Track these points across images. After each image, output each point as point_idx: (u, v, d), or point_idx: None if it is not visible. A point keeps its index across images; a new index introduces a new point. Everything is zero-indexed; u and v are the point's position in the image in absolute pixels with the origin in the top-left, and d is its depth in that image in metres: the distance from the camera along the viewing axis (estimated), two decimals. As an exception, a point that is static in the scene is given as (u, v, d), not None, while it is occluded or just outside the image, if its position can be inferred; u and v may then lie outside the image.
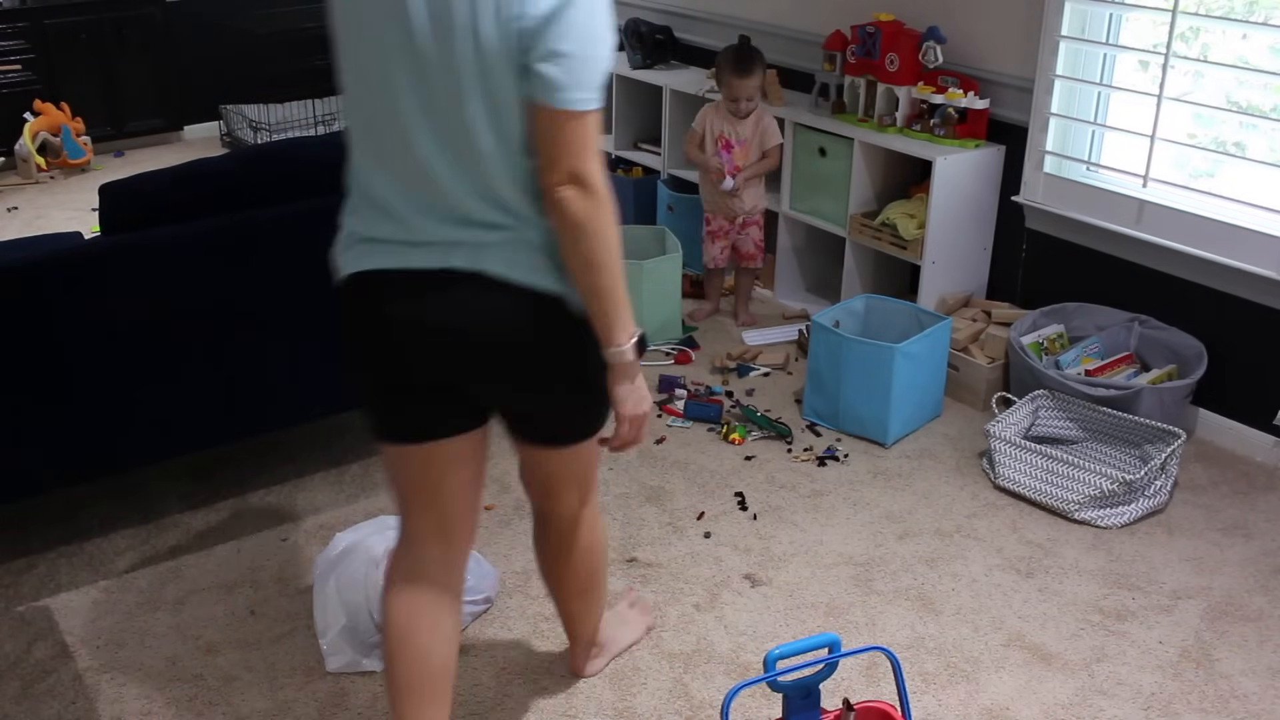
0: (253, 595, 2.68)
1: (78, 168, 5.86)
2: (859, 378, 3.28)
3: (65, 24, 5.82)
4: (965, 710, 2.34)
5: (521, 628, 2.58)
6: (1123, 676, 2.44)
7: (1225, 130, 3.36)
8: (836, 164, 3.95)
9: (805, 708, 1.91)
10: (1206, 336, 3.31)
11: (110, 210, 2.71)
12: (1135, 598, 2.69)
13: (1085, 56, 3.52)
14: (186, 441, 2.91)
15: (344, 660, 2.43)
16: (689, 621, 2.60)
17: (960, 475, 3.19)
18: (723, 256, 4.10)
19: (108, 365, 2.67)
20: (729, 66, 3.86)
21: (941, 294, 3.80)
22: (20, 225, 5.13)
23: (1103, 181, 3.53)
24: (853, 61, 3.96)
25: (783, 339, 4.01)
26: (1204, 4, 3.26)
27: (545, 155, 1.69)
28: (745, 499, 3.05)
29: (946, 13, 3.79)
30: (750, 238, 4.08)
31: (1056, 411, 3.26)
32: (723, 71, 3.90)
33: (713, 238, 4.09)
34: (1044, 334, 3.47)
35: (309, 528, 2.94)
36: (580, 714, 2.33)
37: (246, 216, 2.79)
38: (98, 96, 5.99)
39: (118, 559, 2.82)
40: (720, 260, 4.11)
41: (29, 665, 2.46)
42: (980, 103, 3.69)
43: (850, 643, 2.50)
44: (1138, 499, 2.96)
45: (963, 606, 2.65)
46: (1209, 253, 3.24)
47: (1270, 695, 2.39)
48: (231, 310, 2.81)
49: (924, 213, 3.70)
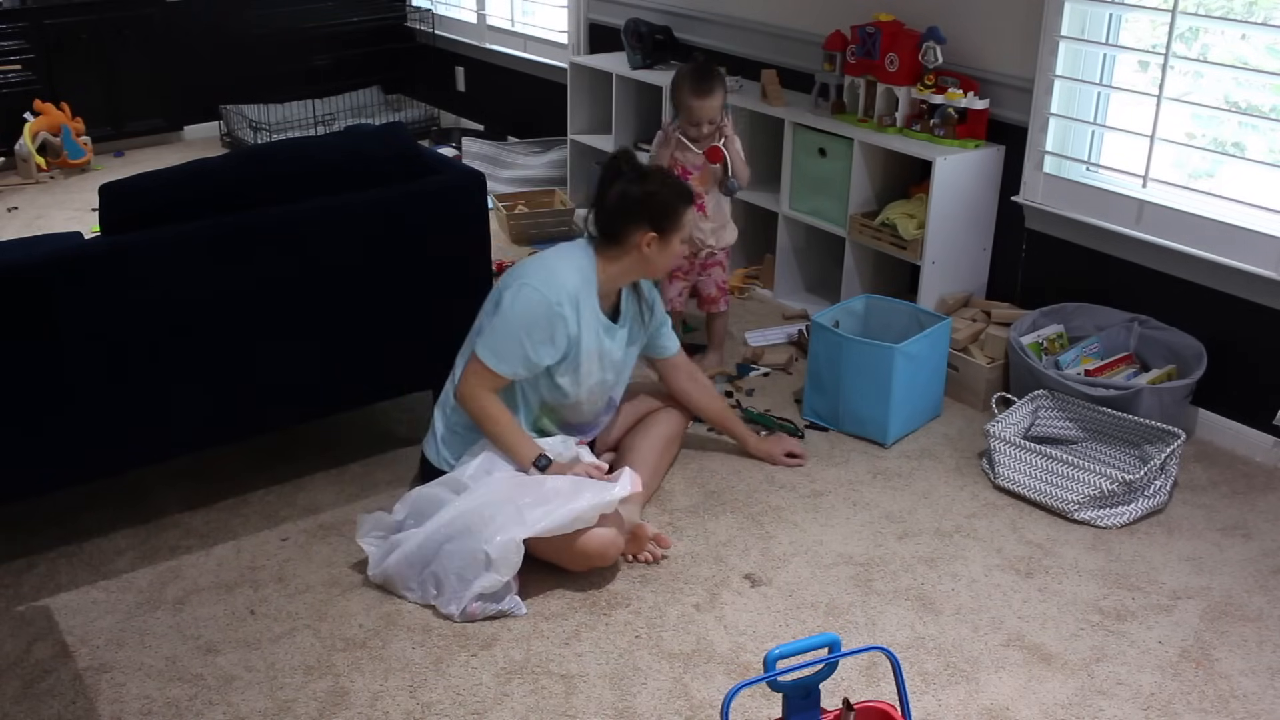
0: (253, 595, 2.68)
1: (78, 168, 5.86)
2: (859, 378, 3.29)
3: (65, 24, 5.82)
4: (965, 710, 2.34)
5: (521, 628, 2.58)
6: (1122, 676, 2.44)
7: (1225, 130, 3.36)
8: (836, 164, 3.95)
9: (805, 708, 1.91)
10: (1206, 336, 3.31)
11: (110, 210, 2.71)
12: (1135, 598, 2.69)
13: (1085, 56, 3.52)
14: (186, 441, 2.91)
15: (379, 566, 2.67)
16: (689, 621, 2.60)
17: (960, 475, 3.19)
18: (680, 299, 3.73)
19: (107, 365, 2.67)
20: (687, 88, 3.48)
21: (941, 294, 3.80)
22: (20, 225, 5.13)
23: (1102, 181, 3.53)
24: (853, 61, 3.96)
25: (784, 339, 4.01)
26: (1203, 4, 3.26)
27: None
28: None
29: (946, 13, 3.79)
30: (713, 279, 3.72)
31: (1056, 411, 3.26)
32: (680, 94, 3.51)
33: (671, 278, 3.69)
34: (1044, 334, 3.47)
35: (309, 528, 2.94)
36: (580, 714, 2.33)
37: (246, 216, 2.79)
38: (98, 96, 5.99)
39: (118, 559, 2.82)
40: (678, 303, 3.72)
41: (29, 665, 2.46)
42: (980, 103, 3.69)
43: (850, 643, 2.50)
44: (1137, 499, 2.97)
45: (963, 606, 2.65)
46: (1209, 253, 3.24)
47: (1270, 695, 2.39)
48: (231, 310, 2.81)
49: (924, 213, 3.70)
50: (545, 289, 2.71)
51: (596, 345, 2.83)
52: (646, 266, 2.85)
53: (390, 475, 3.15)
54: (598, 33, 5.40)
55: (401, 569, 2.64)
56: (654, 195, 2.79)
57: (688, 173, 3.58)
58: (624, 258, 2.82)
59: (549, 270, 2.77)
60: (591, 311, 2.81)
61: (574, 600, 2.66)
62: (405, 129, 3.26)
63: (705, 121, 3.51)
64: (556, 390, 2.84)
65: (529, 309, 2.71)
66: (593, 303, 2.81)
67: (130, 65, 6.06)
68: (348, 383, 3.08)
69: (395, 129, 3.19)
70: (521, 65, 5.96)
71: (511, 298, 2.73)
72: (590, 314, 2.80)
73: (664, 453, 3.11)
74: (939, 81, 3.77)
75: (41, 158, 5.74)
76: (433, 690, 2.38)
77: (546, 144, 5.64)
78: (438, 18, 6.55)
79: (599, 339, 2.84)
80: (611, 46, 5.14)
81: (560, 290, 2.73)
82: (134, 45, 6.03)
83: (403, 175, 3.05)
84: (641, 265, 2.84)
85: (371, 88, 6.68)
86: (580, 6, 5.44)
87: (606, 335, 2.85)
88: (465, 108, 6.57)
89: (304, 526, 2.94)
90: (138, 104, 6.15)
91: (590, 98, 5.17)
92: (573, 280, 2.76)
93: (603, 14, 5.33)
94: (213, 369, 2.83)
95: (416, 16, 6.62)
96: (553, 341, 2.73)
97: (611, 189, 2.81)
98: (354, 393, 3.13)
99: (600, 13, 5.35)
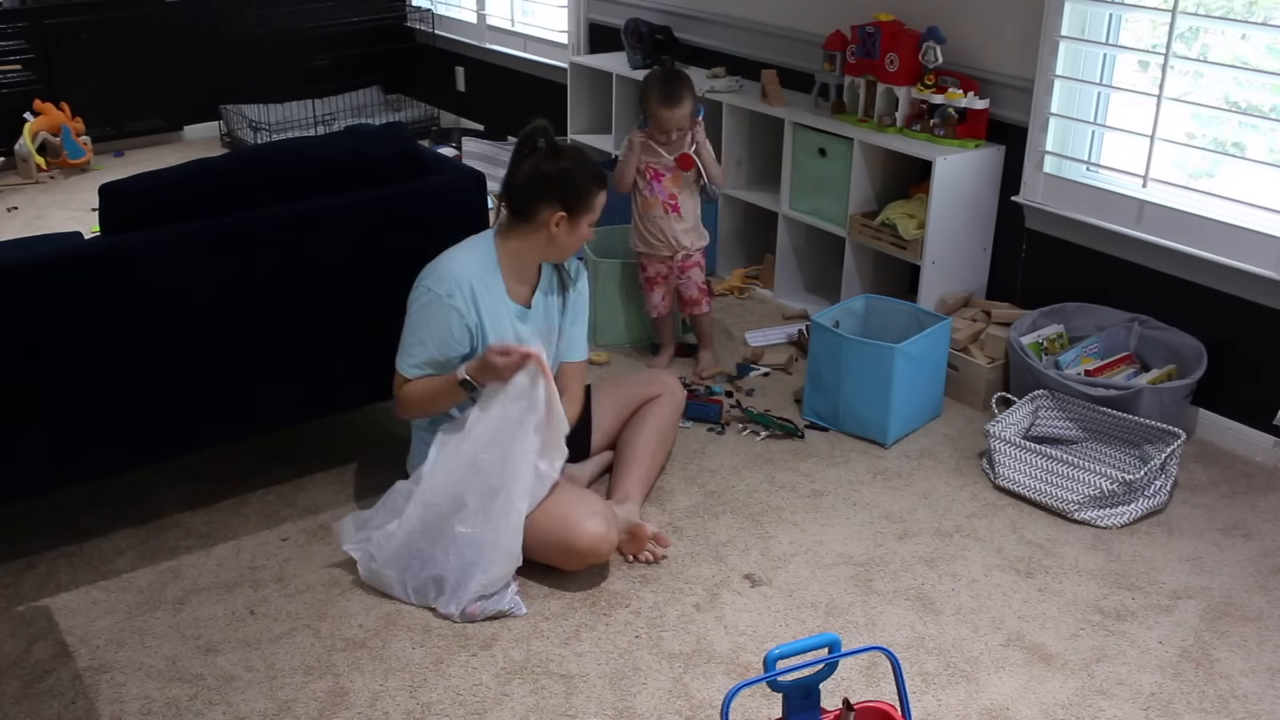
0: (253, 595, 2.68)
1: (78, 168, 5.86)
2: (859, 378, 3.29)
3: (65, 24, 5.82)
4: (965, 710, 2.34)
5: (521, 628, 2.58)
6: (1122, 676, 2.44)
7: (1225, 130, 3.36)
8: (836, 164, 3.94)
9: (805, 708, 1.91)
10: (1206, 336, 3.31)
11: (110, 210, 2.71)
12: (1135, 598, 2.69)
13: (1085, 56, 3.52)
14: (186, 441, 2.91)
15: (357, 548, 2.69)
16: (689, 621, 2.60)
17: (960, 475, 3.19)
18: (665, 304, 3.74)
19: (107, 365, 2.67)
20: (655, 97, 3.46)
21: (941, 294, 3.80)
22: (20, 225, 5.13)
23: (1102, 181, 3.53)
24: (853, 61, 3.96)
25: (784, 339, 4.01)
26: (1204, 4, 3.26)
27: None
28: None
29: (946, 13, 3.79)
30: (693, 281, 3.69)
31: (1056, 411, 3.26)
32: (648, 103, 3.49)
33: (651, 284, 3.72)
34: (1044, 334, 3.47)
35: (309, 528, 2.94)
36: (580, 714, 2.33)
37: (246, 216, 2.79)
38: (98, 96, 5.99)
39: (118, 559, 2.82)
40: (663, 309, 3.75)
41: (29, 665, 2.46)
42: (980, 103, 3.69)
43: (850, 643, 2.50)
44: (1137, 499, 2.97)
45: (963, 606, 2.65)
46: (1209, 253, 3.24)
47: (1270, 695, 2.39)
48: (231, 310, 2.81)
49: (924, 213, 3.70)
50: (434, 284, 2.65)
51: (511, 330, 2.72)
52: (551, 247, 2.72)
53: (390, 475, 3.14)
54: (598, 33, 5.40)
55: (391, 572, 2.65)
56: (567, 173, 2.67)
57: (659, 175, 3.58)
58: (530, 236, 2.70)
59: (442, 262, 2.70)
60: (498, 295, 2.70)
61: (574, 600, 2.66)
62: (405, 129, 3.26)
63: (673, 129, 3.51)
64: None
65: (420, 307, 2.67)
66: (499, 286, 2.71)
67: (130, 65, 6.06)
68: (348, 383, 3.08)
69: (395, 129, 3.19)
70: (521, 65, 5.96)
71: (411, 300, 2.70)
72: (496, 298, 2.70)
73: (659, 446, 3.10)
74: (939, 81, 3.77)
75: (41, 158, 5.74)
76: (433, 690, 2.38)
77: (546, 144, 5.63)
78: (438, 18, 6.55)
79: (511, 324, 2.73)
80: (611, 46, 5.14)
81: (449, 281, 2.64)
82: (134, 45, 6.03)
83: (403, 175, 3.05)
84: (547, 245, 2.71)
85: (371, 88, 6.69)
86: (580, 6, 5.44)
87: (519, 320, 2.75)
88: (465, 108, 6.57)
89: (304, 526, 2.94)
90: (138, 104, 6.15)
91: (590, 98, 5.17)
92: (467, 268, 2.67)
93: (603, 14, 5.33)
94: (213, 369, 2.83)
95: (416, 16, 6.62)
96: (451, 334, 2.65)
97: (524, 164, 2.70)
98: (354, 393, 3.13)
99: (600, 13, 5.35)
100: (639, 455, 3.01)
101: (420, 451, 2.82)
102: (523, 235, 2.72)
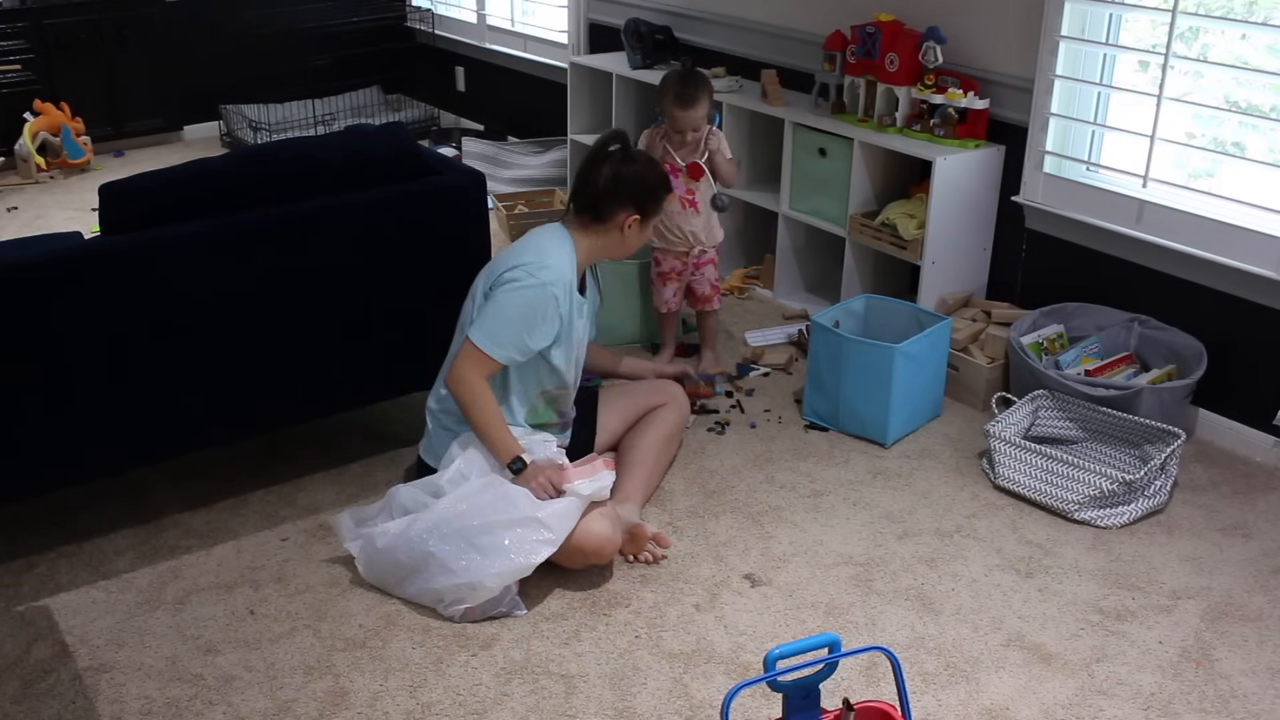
0: (253, 595, 2.68)
1: (78, 168, 5.86)
2: (859, 378, 3.29)
3: (65, 24, 5.82)
4: (965, 710, 2.34)
5: (521, 628, 2.58)
6: (1122, 676, 2.44)
7: (1225, 130, 3.36)
8: (836, 164, 3.95)
9: (805, 708, 1.91)
10: (1206, 336, 3.31)
11: (110, 210, 2.71)
12: (1135, 598, 2.69)
13: (1085, 56, 3.52)
14: (186, 441, 2.91)
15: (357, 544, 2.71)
16: (689, 621, 2.60)
17: (960, 475, 3.19)
18: (675, 300, 3.73)
19: (107, 365, 2.67)
20: (671, 98, 3.48)
21: (941, 294, 3.80)
22: (20, 225, 5.13)
23: (1102, 181, 3.53)
24: (853, 61, 3.96)
25: (784, 339, 4.01)
26: (1204, 4, 3.26)
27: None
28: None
29: (946, 13, 3.79)
30: (706, 278, 3.70)
31: (1056, 411, 3.26)
32: (664, 102, 3.50)
33: (664, 279, 3.71)
34: (1044, 334, 3.47)
35: (309, 528, 2.94)
36: (580, 714, 2.33)
37: (246, 216, 2.79)
38: (98, 96, 5.99)
39: (118, 559, 2.82)
40: (673, 304, 3.74)
41: (29, 665, 2.46)
42: (980, 103, 3.69)
43: (850, 643, 2.50)
44: (1137, 499, 2.97)
45: (963, 606, 2.65)
46: (1209, 253, 3.24)
47: (1270, 695, 2.39)
48: (231, 310, 2.81)
49: (924, 213, 3.70)
50: (541, 273, 2.74)
51: (577, 320, 2.88)
52: (620, 246, 2.91)
53: (390, 475, 3.15)
54: (598, 33, 5.40)
55: (389, 572, 2.64)
56: (643, 179, 2.87)
57: (676, 171, 3.57)
58: (604, 235, 2.87)
59: (542, 254, 2.79)
60: (574, 289, 2.85)
61: (574, 600, 2.67)
62: (405, 129, 3.26)
63: (688, 130, 3.53)
64: (554, 374, 2.85)
65: (526, 294, 2.72)
66: (575, 280, 2.86)
67: (130, 65, 6.06)
68: (348, 383, 3.08)
69: (395, 129, 3.19)
70: (521, 65, 5.96)
71: (509, 283, 2.74)
72: (574, 293, 2.84)
73: (663, 451, 3.11)
74: (939, 81, 3.77)
75: (41, 158, 5.74)
76: (433, 690, 2.38)
77: (546, 144, 5.64)
78: (438, 18, 6.55)
79: (579, 314, 2.89)
80: (611, 46, 5.14)
81: (554, 272, 2.76)
82: (134, 45, 6.03)
83: (403, 175, 3.05)
84: (617, 245, 2.90)
85: (371, 88, 6.69)
86: (580, 6, 5.44)
87: (577, 312, 2.88)
88: (465, 108, 6.57)
89: (304, 526, 2.94)
90: (138, 104, 6.15)
91: (590, 98, 5.17)
92: (563, 261, 2.80)
93: (603, 14, 5.33)
94: (213, 369, 2.83)
95: (416, 16, 6.62)
96: (548, 324, 2.75)
97: (601, 169, 2.85)
98: (354, 393, 3.13)
99: (600, 13, 5.35)
100: (642, 458, 3.03)
101: (440, 440, 2.85)
102: (596, 234, 2.87)
